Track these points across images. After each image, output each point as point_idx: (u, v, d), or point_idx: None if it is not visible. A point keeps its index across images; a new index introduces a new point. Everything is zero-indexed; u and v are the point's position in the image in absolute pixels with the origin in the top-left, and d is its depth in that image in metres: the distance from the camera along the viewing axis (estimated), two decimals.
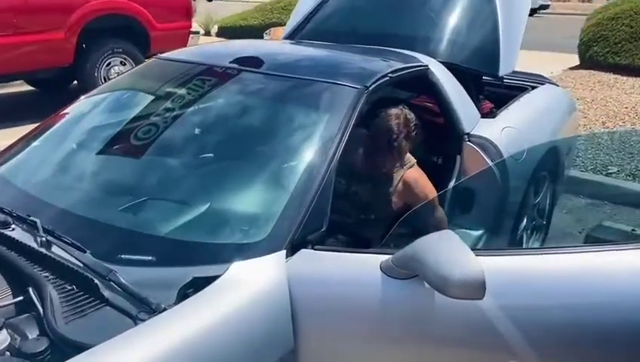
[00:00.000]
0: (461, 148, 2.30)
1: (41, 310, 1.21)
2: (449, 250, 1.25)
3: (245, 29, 11.29)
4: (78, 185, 1.80)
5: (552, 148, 2.78)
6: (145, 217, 1.63)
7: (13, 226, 1.51)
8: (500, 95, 2.93)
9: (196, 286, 1.27)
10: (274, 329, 1.30)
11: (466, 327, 1.31)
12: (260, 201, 1.65)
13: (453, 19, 2.76)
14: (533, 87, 3.12)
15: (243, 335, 1.25)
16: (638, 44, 7.19)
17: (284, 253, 1.39)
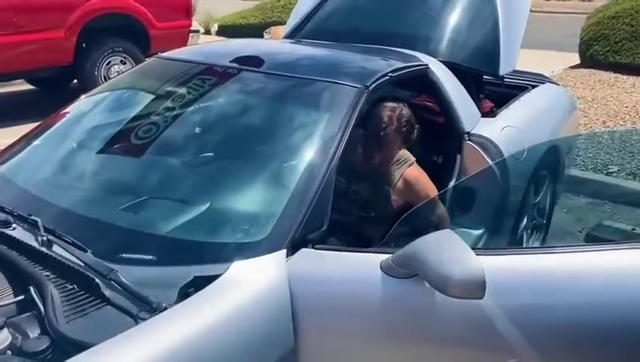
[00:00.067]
0: (461, 148, 2.30)
1: (42, 309, 1.21)
2: (449, 249, 1.25)
3: (245, 27, 11.28)
4: (78, 184, 1.80)
5: (553, 148, 2.78)
6: (146, 216, 1.64)
7: (14, 225, 1.51)
8: (501, 94, 2.93)
9: (197, 285, 1.27)
10: (274, 328, 1.31)
11: (466, 326, 1.31)
12: (261, 200, 1.65)
13: (453, 18, 2.75)
14: (533, 86, 3.11)
15: (244, 334, 1.25)
16: (638, 42, 7.16)
17: (284, 252, 1.39)
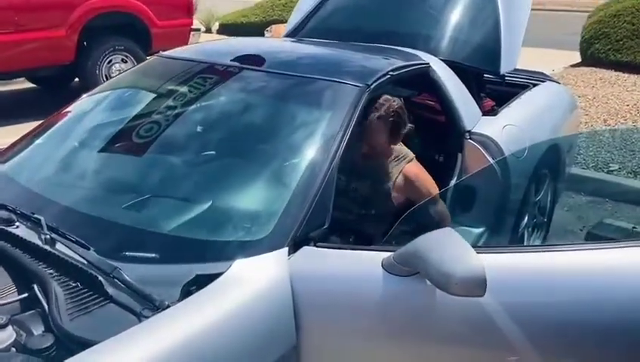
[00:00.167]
0: (462, 146, 2.30)
1: (46, 307, 1.22)
2: (450, 247, 1.25)
3: (246, 26, 11.29)
4: (81, 182, 1.81)
5: (553, 146, 2.78)
6: (148, 215, 1.64)
7: (17, 224, 1.52)
8: (502, 93, 2.93)
9: (199, 283, 1.28)
10: (276, 326, 1.31)
11: (467, 324, 1.32)
12: (263, 199, 1.66)
13: (454, 17, 2.76)
14: (534, 85, 3.11)
15: (246, 332, 1.26)
16: (639, 41, 7.17)
17: (286, 250, 1.40)
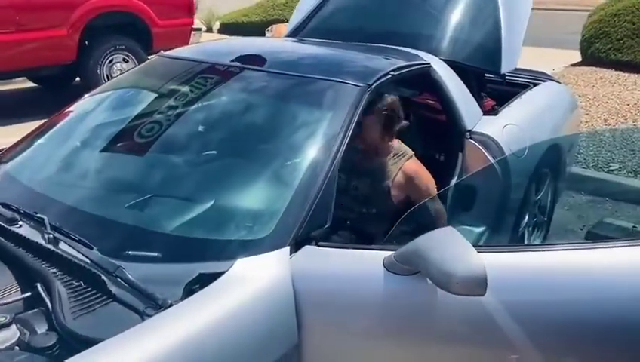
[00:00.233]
0: (463, 146, 2.31)
1: (50, 305, 1.23)
2: (451, 246, 1.26)
3: (247, 25, 11.30)
4: (84, 182, 1.82)
5: (554, 146, 2.79)
6: (151, 214, 1.65)
7: (20, 223, 1.53)
8: (502, 92, 2.93)
9: (202, 282, 1.29)
10: (278, 324, 1.32)
11: (468, 323, 1.33)
12: (264, 198, 1.66)
13: (455, 16, 2.76)
14: (534, 85, 3.12)
15: (248, 330, 1.26)
16: None
17: (288, 249, 1.41)
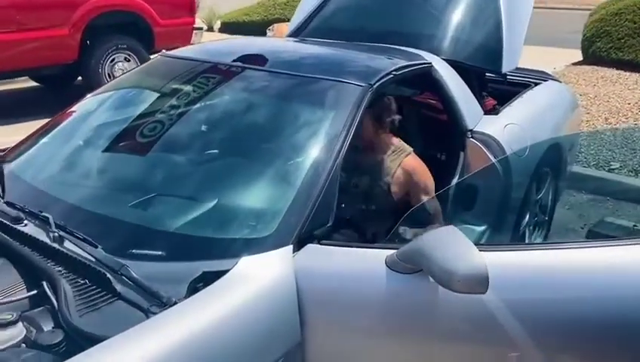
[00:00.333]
0: (464, 145, 2.32)
1: (56, 303, 1.24)
2: (453, 245, 1.27)
3: (248, 24, 11.31)
4: (88, 181, 1.83)
5: (555, 145, 2.79)
6: (155, 213, 1.66)
7: (25, 221, 1.54)
8: (503, 92, 2.94)
9: (206, 280, 1.30)
10: (281, 323, 1.33)
11: (469, 321, 1.34)
12: (267, 197, 1.67)
13: (456, 16, 2.77)
14: (535, 84, 3.12)
15: (251, 328, 1.27)
16: None
17: (291, 247, 1.42)
